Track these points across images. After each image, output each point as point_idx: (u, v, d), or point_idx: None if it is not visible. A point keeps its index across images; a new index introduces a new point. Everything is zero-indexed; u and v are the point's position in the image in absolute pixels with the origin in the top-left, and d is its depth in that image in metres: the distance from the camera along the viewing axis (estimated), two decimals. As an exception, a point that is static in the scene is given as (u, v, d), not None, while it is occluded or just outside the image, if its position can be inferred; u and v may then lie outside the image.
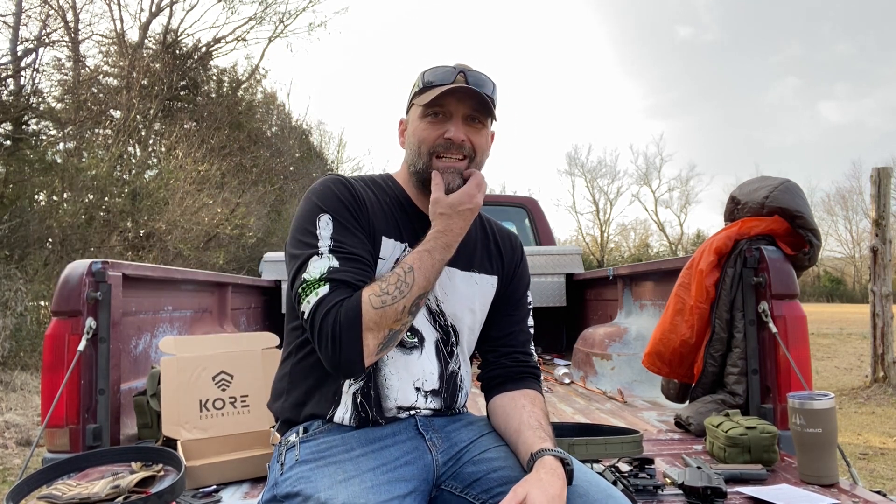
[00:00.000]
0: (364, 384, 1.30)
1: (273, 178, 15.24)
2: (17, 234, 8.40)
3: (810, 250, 2.26)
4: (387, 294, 1.17)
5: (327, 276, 1.20)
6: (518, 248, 1.55)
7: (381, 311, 1.17)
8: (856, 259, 37.61)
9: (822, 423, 1.71)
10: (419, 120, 1.35)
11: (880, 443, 4.96)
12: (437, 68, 1.36)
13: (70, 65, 12.40)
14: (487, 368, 1.46)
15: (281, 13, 16.63)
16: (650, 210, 42.86)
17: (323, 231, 1.26)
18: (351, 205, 1.30)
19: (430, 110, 1.33)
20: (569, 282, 4.67)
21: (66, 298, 2.03)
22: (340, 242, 1.25)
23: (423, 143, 1.34)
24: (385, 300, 1.17)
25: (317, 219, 1.27)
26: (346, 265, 1.22)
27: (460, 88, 1.30)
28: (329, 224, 1.26)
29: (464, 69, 1.34)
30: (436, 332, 1.37)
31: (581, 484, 1.15)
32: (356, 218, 1.30)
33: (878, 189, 7.20)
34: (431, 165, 1.33)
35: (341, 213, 1.28)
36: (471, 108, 1.33)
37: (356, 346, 1.16)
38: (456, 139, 1.32)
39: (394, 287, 1.18)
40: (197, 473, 1.72)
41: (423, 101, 1.33)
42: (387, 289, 1.18)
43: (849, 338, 12.90)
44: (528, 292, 1.54)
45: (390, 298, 1.17)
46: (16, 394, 6.17)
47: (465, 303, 1.41)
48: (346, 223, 1.28)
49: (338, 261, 1.22)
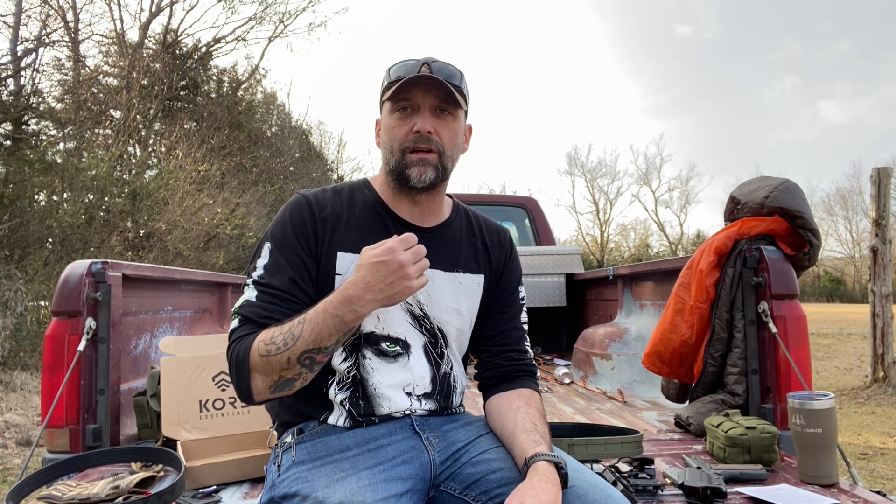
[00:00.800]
0: (351, 393, 1.30)
1: (273, 178, 15.24)
2: (17, 234, 8.40)
3: (810, 250, 2.26)
4: (273, 344, 1.17)
5: (239, 309, 1.26)
6: (507, 243, 1.52)
7: (266, 359, 1.17)
8: (856, 259, 37.62)
9: (822, 423, 1.71)
10: (389, 116, 1.35)
11: (880, 443, 4.96)
12: (402, 62, 1.35)
13: (70, 65, 12.41)
14: (482, 368, 1.45)
15: (281, 13, 16.66)
16: (650, 210, 42.95)
17: (260, 260, 1.31)
18: (299, 227, 1.32)
19: (397, 105, 1.33)
20: (569, 282, 4.67)
21: (66, 298, 2.03)
22: (267, 274, 1.29)
23: (394, 140, 1.33)
24: (270, 350, 1.17)
25: (262, 244, 1.33)
26: (262, 299, 1.26)
27: (424, 78, 1.29)
28: (267, 253, 1.31)
29: (428, 60, 1.33)
30: (422, 336, 1.37)
31: (580, 484, 1.14)
32: (297, 243, 1.31)
33: (878, 189, 7.20)
34: (405, 161, 1.32)
35: (281, 240, 1.32)
36: (437, 98, 1.32)
37: (246, 384, 1.21)
38: (423, 130, 1.30)
39: (280, 338, 1.17)
40: (197, 474, 1.72)
41: (388, 95, 1.33)
42: (274, 338, 1.17)
43: (849, 338, 12.90)
44: (521, 287, 1.52)
45: (275, 348, 1.16)
46: (16, 394, 6.17)
47: (450, 304, 1.39)
48: (283, 252, 1.30)
49: (256, 293, 1.27)
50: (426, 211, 1.41)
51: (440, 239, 1.41)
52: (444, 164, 1.35)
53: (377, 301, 1.15)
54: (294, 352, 1.16)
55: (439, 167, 1.34)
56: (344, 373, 1.31)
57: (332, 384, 1.31)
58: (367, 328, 1.32)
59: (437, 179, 1.34)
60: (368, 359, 1.32)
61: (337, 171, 19.07)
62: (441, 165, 1.34)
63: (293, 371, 1.17)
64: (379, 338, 1.33)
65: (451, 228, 1.45)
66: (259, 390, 1.20)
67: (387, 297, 1.15)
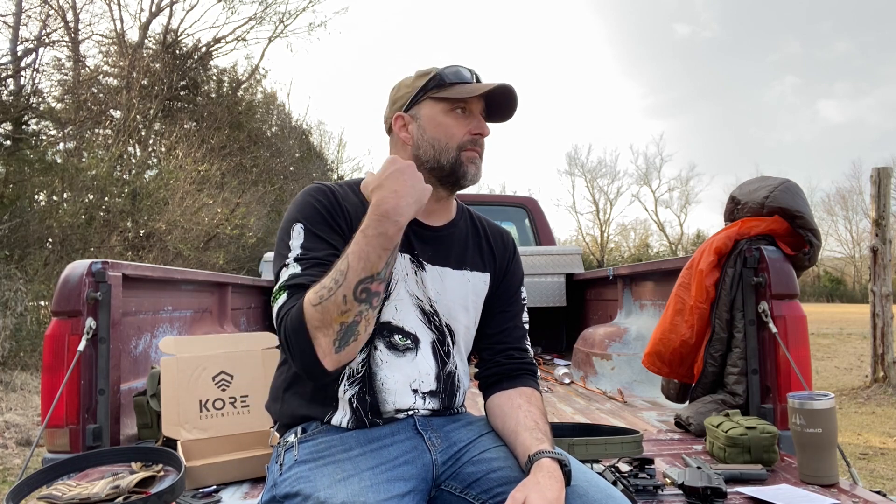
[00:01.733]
0: (360, 388, 1.30)
1: (273, 178, 15.23)
2: (17, 234, 8.40)
3: (810, 250, 2.26)
4: (323, 288, 1.12)
5: (286, 284, 1.22)
6: (510, 245, 1.55)
7: (321, 306, 1.12)
8: (856, 259, 37.61)
9: (822, 423, 1.71)
10: (443, 115, 1.38)
11: (880, 443, 4.96)
12: (452, 67, 1.41)
13: (70, 65, 12.41)
14: (484, 367, 1.46)
15: (281, 13, 16.64)
16: (650, 210, 42.94)
17: (294, 241, 1.27)
18: (326, 211, 1.31)
19: (454, 105, 1.38)
20: (569, 282, 4.67)
21: (66, 298, 2.03)
22: (307, 249, 1.26)
23: (451, 139, 1.37)
24: (322, 295, 1.12)
25: (290, 228, 1.29)
26: (307, 270, 1.22)
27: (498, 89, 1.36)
28: (301, 233, 1.28)
29: (476, 74, 1.42)
30: (431, 332, 1.37)
31: (580, 484, 1.15)
32: (330, 223, 1.30)
33: (878, 189, 7.20)
34: (460, 158, 1.37)
35: (313, 219, 1.30)
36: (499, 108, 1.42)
37: (308, 348, 1.14)
38: (485, 133, 1.40)
39: (330, 279, 1.13)
40: (197, 473, 1.72)
41: (452, 94, 1.37)
42: (324, 283, 1.13)
43: (849, 338, 12.90)
44: (522, 288, 1.54)
45: (327, 292, 1.12)
46: (16, 394, 6.17)
47: (459, 301, 1.41)
48: (317, 230, 1.29)
49: (300, 267, 1.23)
50: (436, 210, 1.43)
51: (449, 238, 1.43)
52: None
53: (412, 205, 1.16)
54: (348, 286, 1.11)
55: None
56: (356, 366, 1.31)
57: (343, 378, 1.31)
58: (385, 317, 1.32)
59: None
60: (380, 351, 1.32)
61: (337, 171, 19.07)
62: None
63: (353, 311, 1.12)
64: (393, 329, 1.33)
65: (458, 228, 1.47)
66: (325, 351, 1.13)
67: (417, 200, 1.18)
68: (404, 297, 1.35)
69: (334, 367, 1.16)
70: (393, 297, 1.34)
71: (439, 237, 1.42)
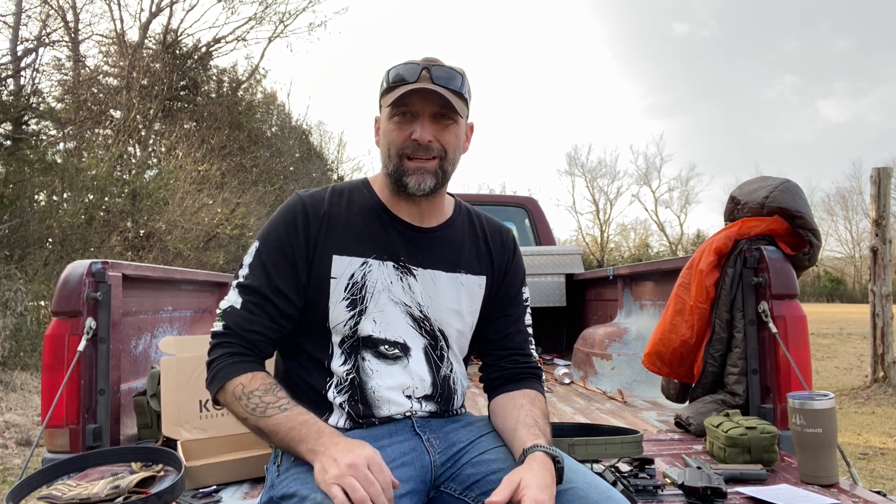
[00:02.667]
0: (349, 396, 1.30)
1: (273, 178, 15.23)
2: (17, 234, 8.40)
3: (810, 250, 2.26)
4: (248, 400, 1.21)
5: (224, 315, 1.29)
6: (510, 244, 1.50)
7: (235, 402, 1.22)
8: (856, 259, 37.61)
9: (822, 423, 1.71)
10: (387, 121, 1.33)
11: (880, 443, 4.96)
12: (401, 65, 1.32)
13: (70, 65, 12.41)
14: (487, 371, 1.44)
15: (281, 13, 16.62)
16: (650, 210, 42.92)
17: (247, 258, 1.34)
18: (291, 233, 1.32)
19: (396, 110, 1.30)
20: (569, 282, 4.67)
21: (66, 298, 2.03)
22: (252, 277, 1.31)
23: (391, 145, 1.32)
24: (241, 401, 1.21)
25: (252, 246, 1.35)
26: (245, 307, 1.28)
27: (422, 88, 1.27)
28: (253, 253, 1.33)
29: (428, 65, 1.30)
30: (422, 338, 1.36)
31: (580, 485, 1.14)
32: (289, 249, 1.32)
33: (878, 189, 7.20)
34: (402, 166, 1.31)
35: (272, 245, 1.33)
36: (437, 105, 1.30)
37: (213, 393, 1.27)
38: (422, 140, 1.29)
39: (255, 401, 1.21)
40: (197, 473, 1.72)
41: (387, 101, 1.31)
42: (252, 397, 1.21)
43: (849, 338, 12.90)
44: (525, 288, 1.50)
45: (242, 405, 1.21)
46: (16, 394, 6.17)
47: (451, 305, 1.39)
48: (271, 256, 1.32)
49: (241, 300, 1.29)
50: (426, 212, 1.40)
51: (441, 239, 1.41)
52: (445, 169, 1.34)
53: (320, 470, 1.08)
54: (254, 421, 1.20)
55: (438, 172, 1.32)
56: (342, 375, 1.31)
57: (331, 387, 1.31)
58: (365, 332, 1.32)
59: (437, 185, 1.33)
60: (368, 361, 1.32)
61: (337, 171, 19.07)
62: (441, 170, 1.33)
63: (246, 424, 1.23)
64: (377, 341, 1.32)
65: (453, 229, 1.43)
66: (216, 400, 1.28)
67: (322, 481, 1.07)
68: (386, 306, 1.33)
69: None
70: (371, 310, 1.32)
71: (431, 239, 1.39)
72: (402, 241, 1.36)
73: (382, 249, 1.34)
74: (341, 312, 1.31)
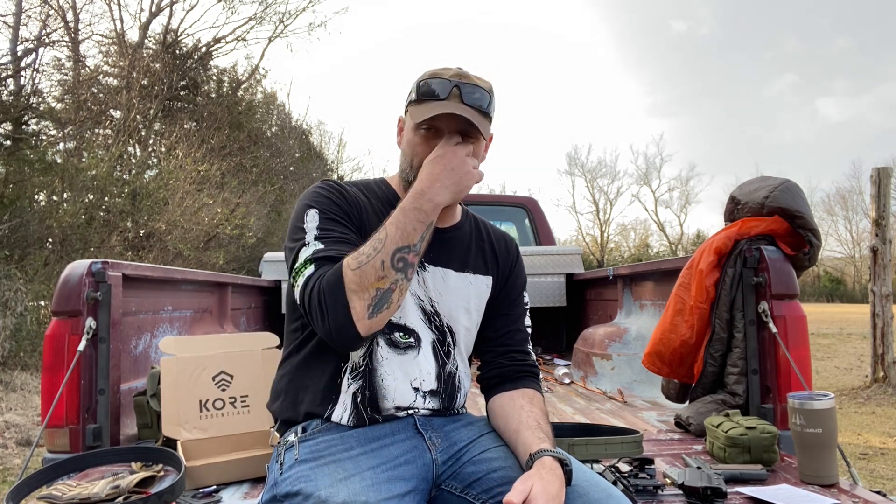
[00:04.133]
0: (361, 384, 1.31)
1: (273, 178, 15.23)
2: (17, 234, 8.40)
3: (810, 250, 2.26)
4: (362, 254, 1.18)
5: (312, 257, 1.24)
6: (513, 249, 1.55)
7: (360, 270, 1.16)
8: (856, 259, 37.61)
9: (822, 423, 1.71)
10: (412, 132, 1.35)
11: (880, 443, 4.96)
12: (432, 79, 1.33)
13: (70, 65, 12.41)
14: (486, 369, 1.46)
15: (281, 13, 16.62)
16: (650, 210, 42.92)
17: (309, 224, 1.30)
18: (339, 200, 1.34)
19: (423, 124, 1.32)
20: (569, 282, 4.67)
21: (66, 298, 2.03)
22: (325, 230, 1.28)
23: (415, 157, 1.34)
24: (361, 260, 1.17)
25: (304, 215, 1.31)
26: (331, 246, 1.25)
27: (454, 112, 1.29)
28: (315, 216, 1.30)
29: (459, 82, 1.32)
30: (432, 332, 1.38)
31: (581, 484, 1.15)
32: (343, 211, 1.33)
33: (878, 189, 7.20)
34: None
35: (327, 206, 1.32)
36: (462, 125, 1.31)
37: (343, 310, 1.16)
38: None
39: (369, 246, 1.19)
40: (197, 473, 1.72)
41: (416, 116, 1.32)
42: (363, 249, 1.19)
43: (849, 338, 12.90)
44: (525, 293, 1.54)
45: (365, 257, 1.17)
46: (16, 394, 6.17)
47: (461, 303, 1.41)
48: (332, 215, 1.31)
49: (323, 244, 1.25)
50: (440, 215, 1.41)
51: (452, 240, 1.44)
52: None
53: (446, 188, 1.23)
54: (386, 252, 1.17)
55: None
56: (357, 360, 1.31)
57: (346, 372, 1.31)
58: None
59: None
60: (381, 347, 1.33)
61: (337, 171, 19.08)
62: None
63: (389, 279, 1.17)
64: (394, 326, 1.33)
65: (462, 231, 1.47)
66: (359, 314, 1.16)
67: (454, 184, 1.24)
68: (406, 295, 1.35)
69: (367, 333, 1.18)
70: None
71: (443, 239, 1.41)
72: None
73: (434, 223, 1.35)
74: None
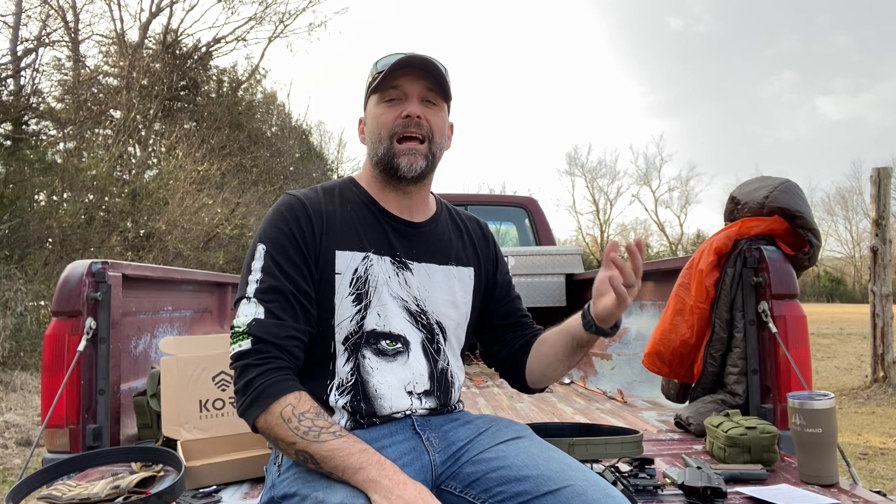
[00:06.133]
0: (352, 396, 1.30)
1: (273, 178, 15.24)
2: (17, 234, 8.40)
3: (810, 250, 2.26)
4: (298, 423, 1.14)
5: (248, 330, 1.21)
6: (487, 233, 1.57)
7: (281, 426, 1.14)
8: (856, 259, 37.62)
9: (822, 423, 1.71)
10: (376, 106, 1.37)
11: (880, 443, 4.96)
12: (387, 56, 1.37)
13: (70, 65, 12.42)
14: (508, 347, 1.53)
15: (281, 13, 16.65)
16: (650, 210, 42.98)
17: (255, 264, 1.27)
18: (294, 230, 1.29)
19: (385, 94, 1.34)
20: (569, 282, 4.67)
21: (66, 299, 2.03)
22: (269, 276, 1.25)
23: (382, 128, 1.34)
24: (290, 424, 1.14)
25: (254, 251, 1.29)
26: (269, 314, 1.22)
27: (415, 61, 1.31)
28: (261, 256, 1.27)
29: (412, 53, 1.34)
30: (419, 332, 1.37)
31: (579, 483, 1.14)
32: (296, 246, 1.29)
33: (878, 189, 7.20)
34: (393, 149, 1.33)
35: (278, 241, 1.28)
36: (425, 86, 1.34)
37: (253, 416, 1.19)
38: (413, 114, 1.32)
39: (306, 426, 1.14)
40: (197, 474, 1.72)
41: (376, 85, 1.34)
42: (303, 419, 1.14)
43: (849, 338, 12.90)
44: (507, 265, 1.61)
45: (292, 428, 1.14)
46: (16, 394, 6.17)
47: (447, 297, 1.41)
48: (282, 253, 1.27)
49: (262, 309, 1.22)
50: (414, 205, 1.42)
51: (431, 233, 1.43)
52: (433, 152, 1.37)
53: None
54: (303, 445, 1.13)
55: (428, 156, 1.35)
56: (345, 376, 1.30)
57: (332, 390, 1.30)
58: (370, 326, 1.32)
59: (427, 169, 1.36)
60: (368, 359, 1.31)
61: (337, 172, 19.08)
62: (430, 153, 1.35)
63: (288, 451, 1.16)
64: (380, 335, 1.33)
65: (440, 223, 1.47)
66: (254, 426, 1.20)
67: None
68: (387, 301, 1.34)
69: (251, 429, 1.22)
70: (374, 304, 1.32)
71: (423, 233, 1.41)
72: (395, 236, 1.38)
73: (379, 244, 1.36)
74: (347, 307, 1.31)
